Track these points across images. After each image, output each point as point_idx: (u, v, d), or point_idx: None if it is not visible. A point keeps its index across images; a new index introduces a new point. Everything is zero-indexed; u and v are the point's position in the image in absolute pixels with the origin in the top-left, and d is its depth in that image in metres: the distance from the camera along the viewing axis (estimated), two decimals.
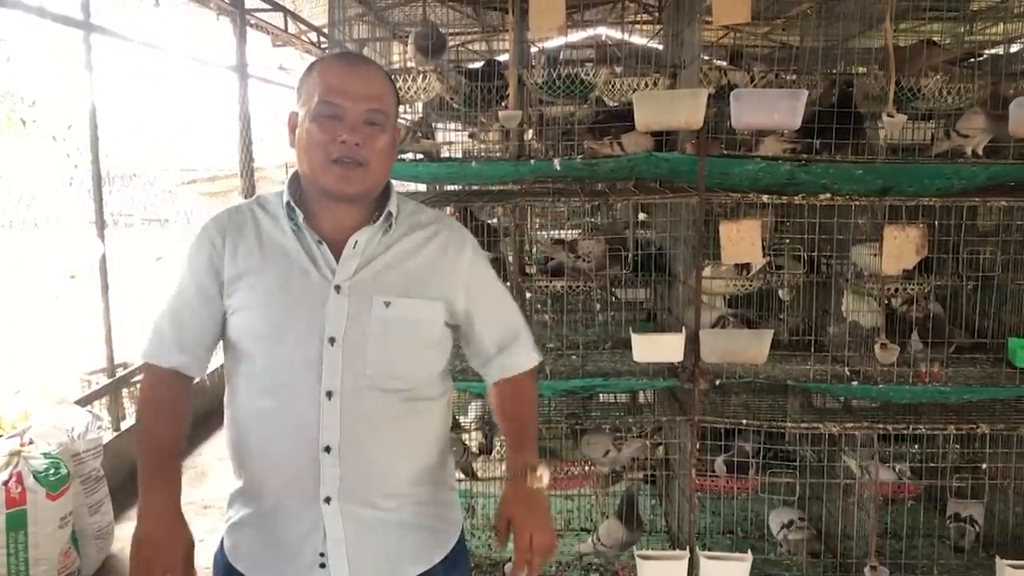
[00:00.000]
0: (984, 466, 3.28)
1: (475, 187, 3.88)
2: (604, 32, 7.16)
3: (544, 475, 1.81)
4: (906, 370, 3.09)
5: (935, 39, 3.50)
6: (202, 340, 1.72)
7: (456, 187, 4.20)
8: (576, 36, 6.51)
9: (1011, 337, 3.15)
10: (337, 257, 1.65)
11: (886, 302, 3.24)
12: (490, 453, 3.96)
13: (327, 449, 1.61)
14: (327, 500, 1.62)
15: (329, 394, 1.60)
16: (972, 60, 3.65)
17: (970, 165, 3.00)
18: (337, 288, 1.63)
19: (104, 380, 5.01)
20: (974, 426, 3.10)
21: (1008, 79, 3.29)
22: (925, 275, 3.22)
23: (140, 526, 1.67)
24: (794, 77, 3.37)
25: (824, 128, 3.03)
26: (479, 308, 1.79)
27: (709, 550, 3.22)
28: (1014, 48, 4.46)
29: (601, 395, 4.08)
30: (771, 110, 2.89)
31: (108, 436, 4.68)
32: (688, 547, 3.19)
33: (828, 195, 3.04)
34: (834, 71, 3.43)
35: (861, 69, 3.55)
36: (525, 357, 1.89)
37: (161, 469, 1.72)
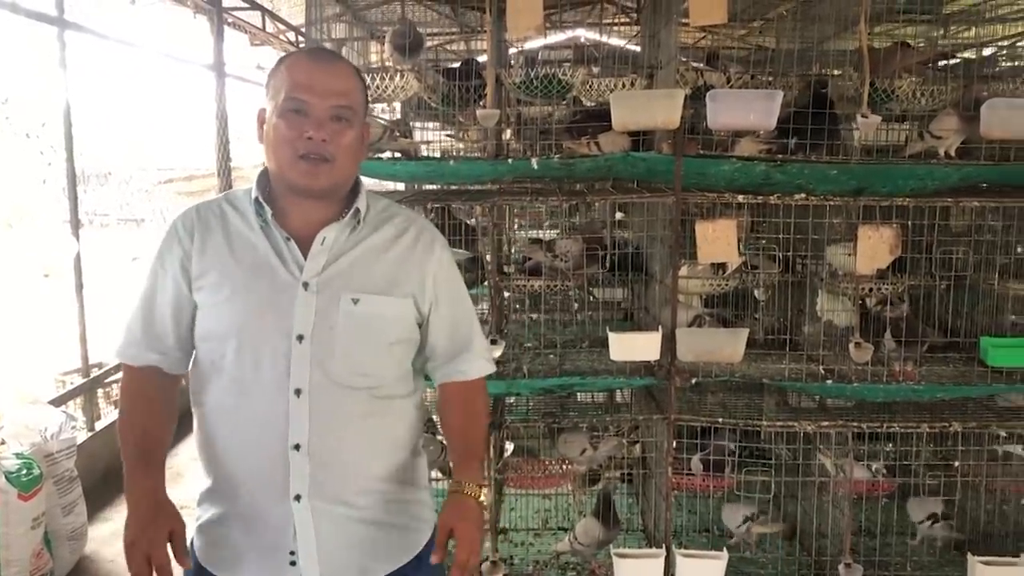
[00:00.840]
0: (956, 464, 3.31)
1: (454, 186, 3.88)
2: (583, 34, 7.19)
3: (487, 495, 1.86)
4: (880, 369, 3.11)
5: (909, 42, 3.53)
6: (175, 337, 1.71)
7: (435, 186, 4.19)
8: (556, 37, 6.53)
9: (983, 336, 3.18)
10: (305, 254, 1.65)
11: (860, 301, 3.26)
12: None
13: (296, 447, 1.61)
14: (297, 498, 1.62)
15: (298, 392, 1.60)
16: (945, 63, 3.69)
17: (943, 166, 3.03)
18: (305, 285, 1.63)
19: (79, 380, 4.97)
20: (947, 424, 3.13)
21: (980, 81, 3.33)
22: (899, 275, 3.25)
23: (128, 513, 1.66)
24: (770, 79, 3.39)
25: (799, 129, 3.05)
26: (439, 308, 1.79)
27: (685, 548, 3.23)
28: (987, 52, 4.51)
29: (579, 394, 4.09)
30: (747, 111, 2.90)
31: (82, 436, 4.65)
32: (664, 545, 3.21)
33: (803, 195, 3.06)
34: (810, 73, 3.45)
35: (836, 71, 3.58)
36: (477, 365, 1.88)
37: (142, 461, 1.69)
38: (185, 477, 4.73)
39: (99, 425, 4.98)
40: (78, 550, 3.90)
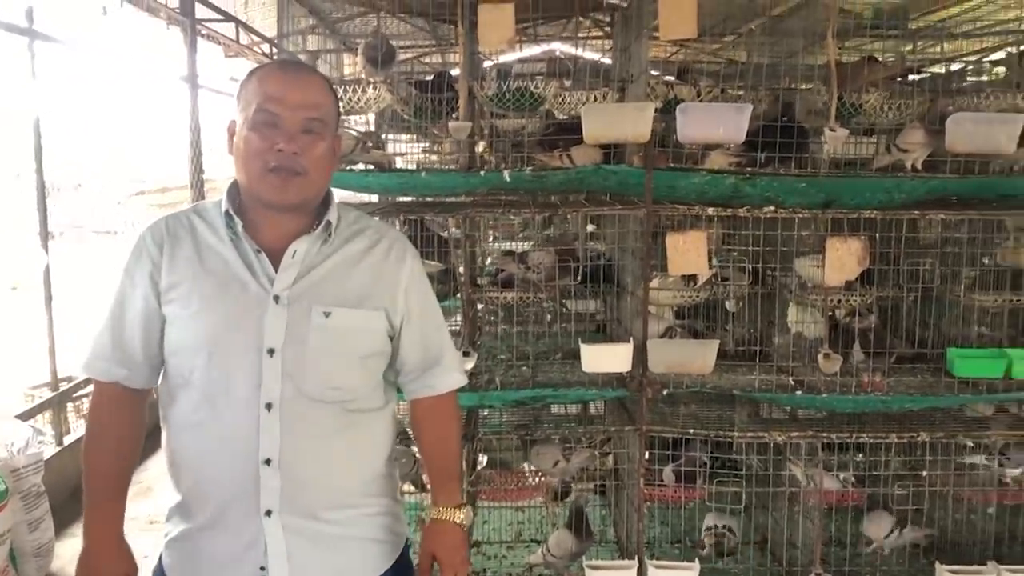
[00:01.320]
0: (925, 474, 3.34)
1: (428, 199, 3.88)
2: (558, 47, 7.22)
3: (469, 515, 1.86)
4: (849, 380, 3.14)
5: (877, 56, 3.59)
6: (144, 353, 1.69)
7: (409, 198, 4.20)
8: (531, 51, 6.56)
9: (950, 347, 3.22)
10: (276, 267, 1.65)
11: (829, 313, 3.29)
12: None
13: (267, 462, 1.60)
14: (268, 513, 1.61)
15: (268, 406, 1.59)
16: (912, 77, 3.75)
17: (909, 179, 3.07)
18: (276, 298, 1.62)
19: (47, 394, 4.92)
20: (915, 435, 3.16)
21: (946, 96, 3.39)
22: (867, 287, 3.29)
23: (83, 545, 1.68)
24: (740, 92, 3.43)
25: (768, 142, 3.08)
26: (410, 320, 1.79)
27: (658, 559, 3.23)
28: (954, 67, 4.58)
29: (553, 406, 4.10)
30: (716, 124, 2.93)
31: (50, 451, 4.59)
32: (637, 556, 3.21)
33: (772, 208, 3.09)
34: (778, 87, 3.49)
35: (806, 85, 3.63)
36: (448, 378, 1.88)
37: (103, 490, 1.70)
38: (155, 491, 4.68)
39: (68, 440, 4.92)
40: (44, 567, 3.84)
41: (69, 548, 4.12)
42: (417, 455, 3.79)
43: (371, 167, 3.45)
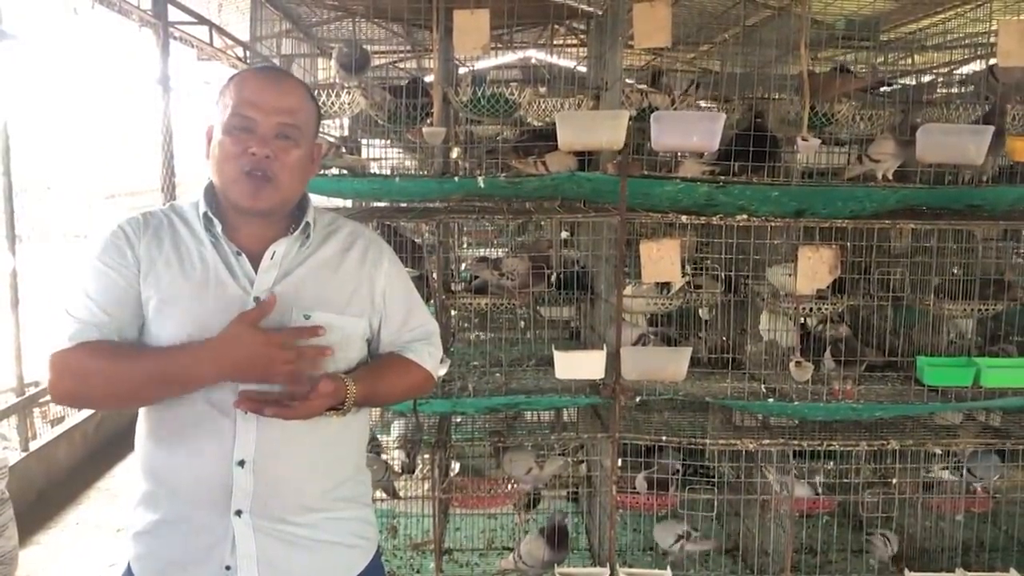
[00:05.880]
0: (894, 481, 3.37)
1: (402, 204, 3.86)
2: (534, 55, 7.23)
3: (353, 391, 1.65)
4: (820, 388, 3.16)
5: (848, 67, 3.62)
6: (125, 318, 1.59)
7: (384, 204, 4.17)
8: (506, 58, 6.58)
9: (919, 356, 3.25)
10: (255, 268, 1.64)
11: (801, 321, 3.31)
12: (412, 473, 3.92)
13: (241, 463, 1.58)
14: (238, 513, 1.59)
15: None
16: (884, 88, 3.79)
17: (880, 189, 3.10)
18: (256, 300, 1.61)
19: (13, 399, 4.83)
20: (885, 442, 3.19)
21: (916, 107, 3.42)
22: (838, 295, 3.31)
23: (212, 369, 1.53)
24: (714, 104, 3.45)
25: (742, 151, 3.09)
26: (389, 313, 1.78)
27: (630, 567, 3.24)
28: (925, 79, 4.64)
29: (527, 413, 4.09)
30: (690, 132, 2.94)
31: (15, 457, 4.52)
32: (609, 564, 3.21)
33: (745, 216, 3.11)
34: (753, 96, 3.51)
35: (779, 95, 3.66)
36: (428, 356, 1.84)
37: (158, 353, 1.56)
38: (121, 499, 4.62)
39: (33, 445, 4.83)
40: (8, 575, 3.78)
41: (34, 556, 4.06)
42: (388, 462, 3.78)
43: (345, 172, 3.43)
